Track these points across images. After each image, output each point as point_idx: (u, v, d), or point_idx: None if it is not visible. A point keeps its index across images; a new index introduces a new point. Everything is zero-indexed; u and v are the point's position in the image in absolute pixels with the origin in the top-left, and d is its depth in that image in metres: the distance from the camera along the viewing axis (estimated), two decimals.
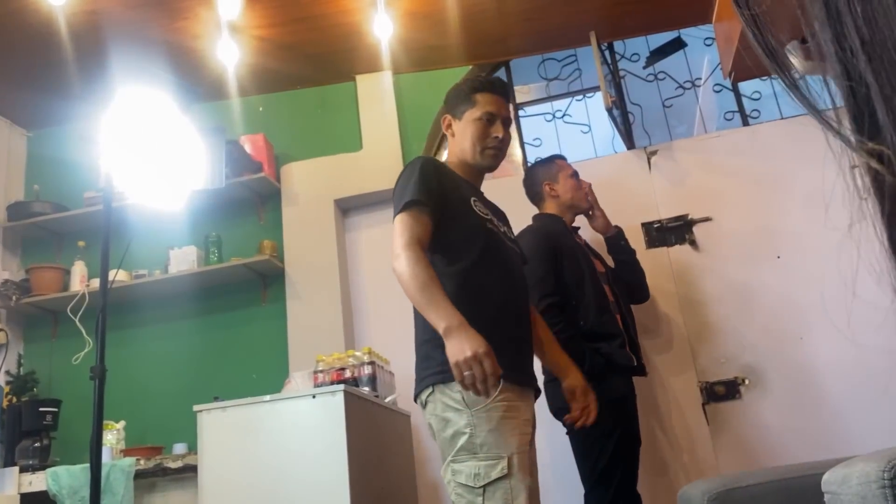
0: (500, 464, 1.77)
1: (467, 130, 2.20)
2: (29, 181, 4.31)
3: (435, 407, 1.89)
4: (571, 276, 2.79)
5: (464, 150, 2.21)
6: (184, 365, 3.83)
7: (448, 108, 2.28)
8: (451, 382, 1.82)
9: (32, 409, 3.34)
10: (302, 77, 4.07)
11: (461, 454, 1.80)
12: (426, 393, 1.92)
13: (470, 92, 2.24)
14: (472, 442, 1.80)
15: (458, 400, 1.83)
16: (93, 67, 3.66)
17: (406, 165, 2.15)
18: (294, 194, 3.95)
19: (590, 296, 2.76)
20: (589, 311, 2.74)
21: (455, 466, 1.81)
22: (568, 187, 3.08)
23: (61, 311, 3.90)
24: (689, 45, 3.85)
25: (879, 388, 3.16)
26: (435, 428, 1.91)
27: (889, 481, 0.93)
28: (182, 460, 2.97)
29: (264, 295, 3.89)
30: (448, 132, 2.27)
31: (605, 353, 2.68)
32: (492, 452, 1.79)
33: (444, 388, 1.87)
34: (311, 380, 2.87)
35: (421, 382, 1.95)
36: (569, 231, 3.00)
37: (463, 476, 1.79)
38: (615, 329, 2.76)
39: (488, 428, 1.80)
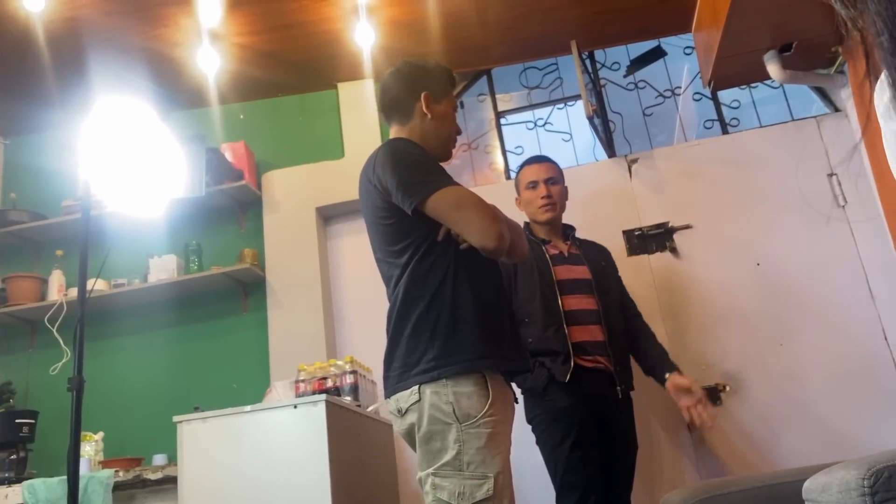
0: (487, 484, 1.72)
1: (447, 118, 2.11)
2: (6, 189, 4.26)
3: (421, 414, 1.79)
4: (524, 293, 2.78)
5: (437, 136, 2.09)
6: (164, 375, 3.79)
7: (426, 84, 2.10)
8: (447, 384, 1.77)
9: (9, 420, 3.29)
10: (283, 84, 4.06)
11: (445, 469, 1.74)
12: (413, 399, 1.81)
13: (449, 78, 2.17)
14: (458, 459, 1.74)
15: (448, 413, 1.76)
16: (71, 75, 3.63)
17: (396, 145, 2.00)
18: (275, 202, 3.93)
19: (538, 313, 2.73)
20: (535, 328, 2.71)
21: (437, 481, 1.75)
22: (525, 200, 3.01)
23: (39, 321, 3.85)
24: (669, 53, 3.88)
25: (860, 394, 3.19)
26: (418, 437, 1.82)
27: (869, 489, 0.94)
28: (162, 472, 2.93)
29: (245, 304, 3.86)
30: (427, 109, 2.07)
31: (547, 367, 2.66)
32: (478, 472, 1.73)
33: (433, 393, 1.78)
34: (292, 389, 2.85)
35: (403, 384, 1.84)
36: (534, 244, 2.85)
37: (446, 493, 1.73)
38: (558, 346, 2.67)
39: (476, 446, 1.75)
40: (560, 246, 2.96)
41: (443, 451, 1.75)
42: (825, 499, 1.00)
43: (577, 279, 2.86)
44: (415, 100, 2.07)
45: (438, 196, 1.83)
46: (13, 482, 3.06)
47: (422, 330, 1.83)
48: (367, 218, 2.08)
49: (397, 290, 1.92)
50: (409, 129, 2.08)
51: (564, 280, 2.82)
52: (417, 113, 2.07)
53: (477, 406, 1.76)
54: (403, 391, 1.82)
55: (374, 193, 1.96)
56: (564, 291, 2.79)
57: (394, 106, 2.10)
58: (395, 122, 2.11)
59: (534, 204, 2.94)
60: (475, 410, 1.76)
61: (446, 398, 1.76)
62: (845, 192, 3.42)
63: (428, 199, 1.82)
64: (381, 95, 2.16)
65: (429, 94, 2.07)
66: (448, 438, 1.75)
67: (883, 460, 0.96)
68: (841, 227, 3.40)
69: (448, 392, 1.76)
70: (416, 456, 1.84)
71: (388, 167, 1.89)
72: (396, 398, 1.85)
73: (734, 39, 3.04)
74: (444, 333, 1.81)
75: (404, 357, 1.85)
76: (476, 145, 4.11)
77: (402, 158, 1.91)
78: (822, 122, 3.57)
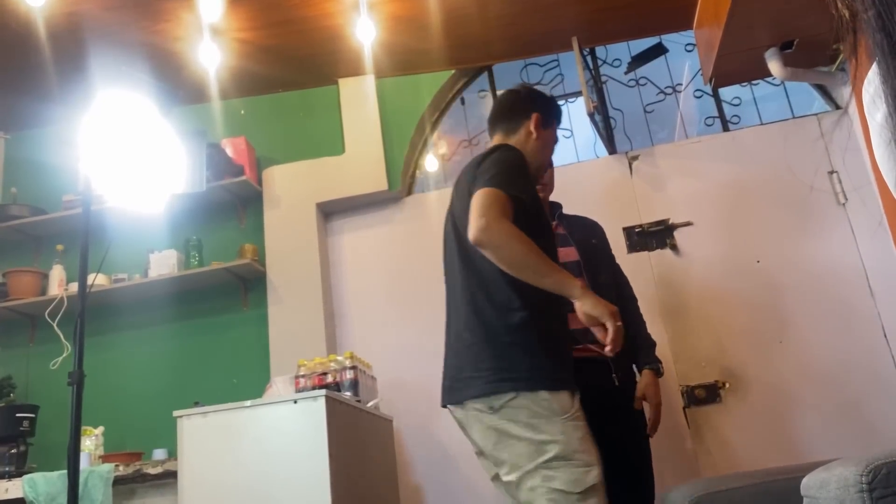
0: (594, 470, 1.83)
1: (548, 146, 2.29)
2: (6, 184, 4.26)
3: (518, 413, 1.86)
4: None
5: (534, 157, 2.23)
6: (164, 370, 3.80)
7: (539, 108, 2.26)
8: (539, 391, 1.86)
9: (9, 414, 3.30)
10: (284, 80, 4.06)
11: (555, 461, 1.82)
12: (507, 398, 1.88)
13: (558, 113, 2.36)
14: (566, 449, 1.83)
15: (547, 408, 1.85)
16: (72, 70, 3.63)
17: (495, 148, 2.11)
18: (276, 198, 3.93)
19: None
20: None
21: (548, 473, 1.82)
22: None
23: (39, 316, 3.86)
24: (670, 50, 3.87)
25: (859, 392, 3.20)
26: (513, 433, 1.87)
27: (867, 485, 0.94)
28: (162, 466, 2.94)
29: (245, 299, 3.86)
30: (534, 129, 2.23)
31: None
32: (584, 459, 1.84)
33: (531, 395, 1.86)
34: (292, 385, 2.86)
35: (498, 385, 1.89)
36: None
37: (559, 482, 1.81)
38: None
39: (579, 436, 1.86)
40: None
41: (550, 444, 1.83)
42: (823, 495, 1.01)
43: (564, 262, 2.66)
44: (525, 118, 2.24)
45: (485, 189, 1.91)
46: (13, 476, 3.06)
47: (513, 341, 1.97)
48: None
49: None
50: (514, 142, 2.23)
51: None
52: (524, 130, 2.23)
53: (568, 400, 1.89)
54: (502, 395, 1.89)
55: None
56: None
57: (505, 117, 2.28)
58: (500, 132, 2.28)
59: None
60: (567, 404, 1.88)
61: (543, 395, 1.86)
62: (846, 190, 3.42)
63: (478, 189, 1.92)
64: (496, 106, 2.35)
65: (540, 116, 2.24)
66: (553, 431, 1.84)
67: (881, 457, 0.96)
68: (841, 224, 3.40)
69: (543, 392, 1.86)
70: (506, 453, 1.89)
71: (489, 162, 2.02)
72: (493, 396, 1.90)
73: (735, 36, 3.04)
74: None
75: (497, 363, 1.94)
76: (476, 141, 4.11)
77: (503, 158, 2.03)
78: (823, 119, 3.57)
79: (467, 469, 3.48)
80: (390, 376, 3.51)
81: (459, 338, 2.02)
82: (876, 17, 0.52)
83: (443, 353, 3.40)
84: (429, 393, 3.60)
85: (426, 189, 4.05)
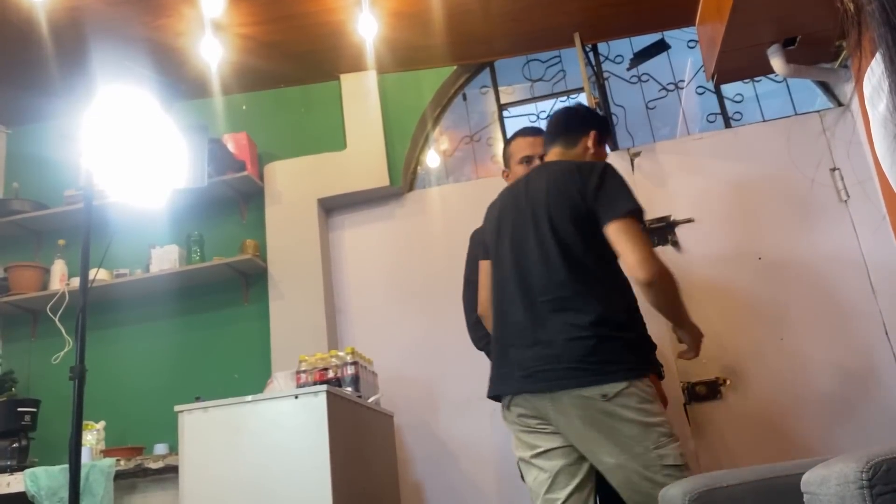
0: (680, 444, 2.07)
1: (602, 159, 2.41)
2: (8, 178, 4.26)
3: (629, 400, 2.01)
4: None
5: None
6: (165, 365, 3.81)
7: (596, 126, 2.44)
8: (644, 378, 2.06)
9: (11, 409, 3.30)
10: (286, 76, 4.06)
11: (663, 439, 2.02)
12: (621, 386, 2.01)
13: (610, 135, 2.64)
14: (668, 428, 2.04)
15: (650, 393, 2.05)
16: (74, 64, 3.63)
17: (602, 165, 2.20)
18: (277, 193, 3.94)
19: None
20: None
21: (661, 451, 2.00)
22: (516, 175, 2.73)
23: (41, 311, 3.87)
24: (672, 47, 3.87)
25: (860, 389, 3.20)
26: (628, 418, 2.00)
27: (867, 482, 0.94)
28: (163, 461, 2.94)
29: (246, 294, 3.87)
30: (591, 145, 2.41)
31: None
32: (676, 435, 2.07)
33: (639, 383, 2.04)
34: (293, 380, 2.86)
35: (611, 376, 2.03)
36: None
37: (671, 458, 2.00)
38: None
39: (666, 416, 2.09)
40: None
41: (659, 425, 2.03)
42: (823, 491, 1.00)
43: None
44: (583, 134, 2.39)
45: (633, 221, 2.12)
46: (15, 470, 3.07)
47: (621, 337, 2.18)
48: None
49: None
50: (572, 155, 2.38)
51: None
52: (582, 145, 2.38)
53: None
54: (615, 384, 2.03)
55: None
56: None
57: (564, 132, 2.41)
58: (559, 145, 2.40)
59: None
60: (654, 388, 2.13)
61: (646, 381, 2.07)
62: (848, 187, 3.42)
63: (619, 216, 2.13)
64: (555, 120, 2.47)
65: (597, 133, 2.40)
66: (658, 412, 2.05)
67: (882, 453, 0.96)
68: (843, 221, 3.40)
69: (646, 379, 2.08)
70: (620, 437, 2.02)
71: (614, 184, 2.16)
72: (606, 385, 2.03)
73: (738, 33, 3.03)
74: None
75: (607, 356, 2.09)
76: (478, 138, 4.11)
77: (624, 183, 2.17)
78: (826, 116, 3.57)
79: (468, 465, 3.49)
80: (391, 372, 3.51)
81: (556, 331, 2.09)
82: (880, 10, 0.52)
83: (443, 351, 3.41)
84: (430, 389, 3.61)
85: (428, 185, 4.05)
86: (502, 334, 2.23)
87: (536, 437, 2.15)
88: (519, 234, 2.26)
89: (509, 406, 2.20)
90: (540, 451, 2.15)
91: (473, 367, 3.49)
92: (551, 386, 2.06)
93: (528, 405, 2.13)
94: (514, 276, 2.23)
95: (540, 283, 2.16)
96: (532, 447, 2.16)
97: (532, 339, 2.13)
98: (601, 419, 2.03)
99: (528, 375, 2.11)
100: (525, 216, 2.26)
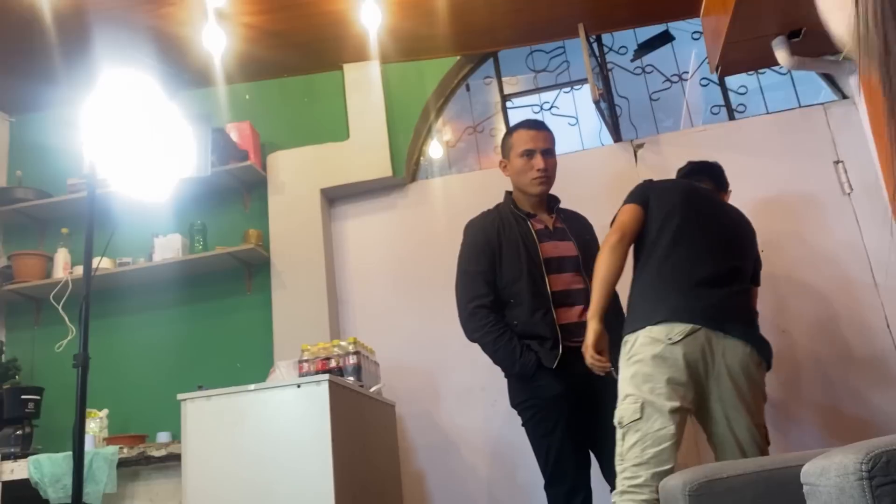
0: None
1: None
2: (11, 167, 4.27)
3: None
4: (508, 273, 2.64)
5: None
6: (168, 353, 3.82)
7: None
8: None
9: (14, 396, 3.32)
10: (289, 65, 4.05)
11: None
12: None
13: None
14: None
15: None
16: (77, 52, 3.63)
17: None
18: (280, 183, 3.94)
19: (524, 294, 2.59)
20: (522, 311, 2.59)
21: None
22: (515, 169, 2.77)
23: (44, 299, 3.88)
24: (676, 38, 3.85)
25: (861, 382, 3.20)
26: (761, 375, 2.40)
27: (867, 473, 0.95)
28: (166, 449, 2.96)
29: (249, 284, 3.88)
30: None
31: (535, 350, 2.53)
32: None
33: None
34: (295, 369, 2.87)
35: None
36: (518, 218, 2.74)
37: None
38: (546, 331, 2.55)
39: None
40: (545, 220, 2.78)
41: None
42: (823, 482, 1.01)
43: (563, 257, 2.69)
44: (725, 192, 2.87)
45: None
46: (19, 457, 3.09)
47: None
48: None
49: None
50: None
51: (550, 258, 2.66)
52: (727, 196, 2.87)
53: None
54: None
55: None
56: (551, 270, 2.64)
57: (720, 181, 2.84)
58: (713, 183, 2.80)
59: (526, 175, 2.73)
60: None
61: None
62: (851, 180, 3.41)
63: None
64: (713, 166, 2.86)
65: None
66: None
67: (881, 445, 0.96)
68: (846, 214, 3.39)
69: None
70: (753, 390, 2.30)
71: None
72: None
73: (743, 25, 3.02)
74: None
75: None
76: (481, 128, 4.10)
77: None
78: (830, 109, 3.56)
79: (469, 455, 3.50)
80: (393, 362, 3.52)
81: (746, 292, 2.48)
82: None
83: (445, 341, 3.41)
84: (431, 379, 3.62)
85: (430, 176, 4.05)
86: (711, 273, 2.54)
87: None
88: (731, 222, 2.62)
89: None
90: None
91: (475, 356, 3.49)
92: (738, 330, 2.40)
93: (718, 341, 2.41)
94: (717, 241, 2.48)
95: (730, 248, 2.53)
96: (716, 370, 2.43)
97: (727, 284, 2.46)
98: (756, 371, 2.40)
99: (738, 317, 2.42)
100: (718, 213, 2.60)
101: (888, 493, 0.94)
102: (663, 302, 2.30)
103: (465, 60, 4.07)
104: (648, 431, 2.15)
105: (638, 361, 2.24)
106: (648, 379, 2.20)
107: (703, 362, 2.23)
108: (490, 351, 2.60)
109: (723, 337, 2.26)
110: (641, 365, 2.22)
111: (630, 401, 2.21)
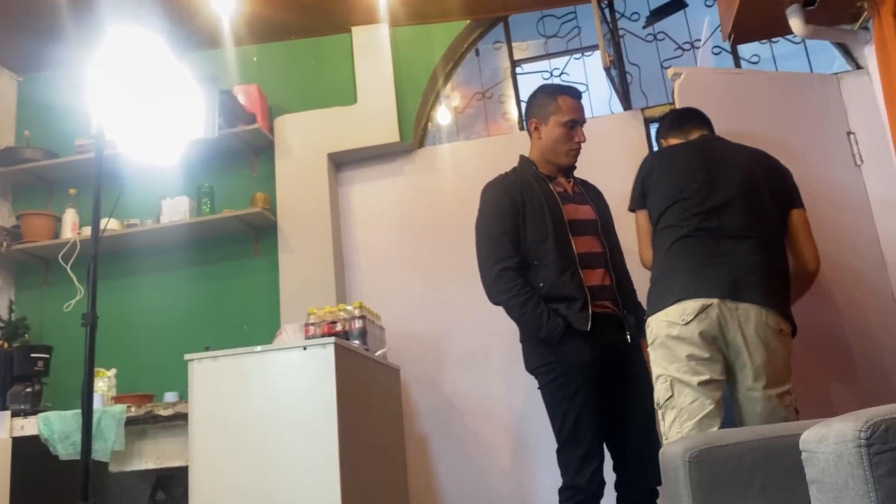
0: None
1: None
2: (19, 127, 4.27)
3: (787, 339, 2.45)
4: (534, 234, 2.62)
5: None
6: (175, 314, 3.85)
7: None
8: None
9: (24, 354, 3.36)
10: (297, 27, 4.02)
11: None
12: (788, 324, 2.45)
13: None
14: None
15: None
16: (85, 11, 3.60)
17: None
18: (287, 147, 3.93)
19: (551, 255, 2.57)
20: (549, 272, 2.56)
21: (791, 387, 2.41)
22: (554, 136, 2.75)
23: (53, 259, 3.90)
24: (689, 5, 3.80)
25: (867, 357, 3.20)
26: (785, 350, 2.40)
27: (865, 441, 0.96)
28: (173, 408, 3.00)
29: (256, 247, 3.89)
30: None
31: (563, 314, 2.51)
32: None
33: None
34: (302, 332, 2.89)
35: (789, 312, 2.47)
36: (539, 180, 2.73)
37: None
38: (575, 292, 2.53)
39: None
40: (564, 184, 2.79)
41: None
42: (821, 449, 1.02)
43: (583, 220, 2.71)
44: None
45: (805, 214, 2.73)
46: (29, 414, 3.13)
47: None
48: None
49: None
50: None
51: (573, 220, 2.67)
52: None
53: None
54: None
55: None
56: (574, 232, 2.64)
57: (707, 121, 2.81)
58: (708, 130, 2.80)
59: (564, 145, 2.74)
60: None
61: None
62: (862, 152, 3.38)
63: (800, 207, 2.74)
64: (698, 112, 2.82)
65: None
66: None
67: (881, 414, 0.97)
68: (856, 186, 3.37)
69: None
70: (777, 366, 2.32)
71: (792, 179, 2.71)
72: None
73: None
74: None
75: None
76: (490, 94, 4.07)
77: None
78: (843, 79, 3.51)
79: (471, 420, 3.54)
80: (398, 327, 3.54)
81: (781, 269, 2.45)
82: None
83: (450, 307, 3.42)
84: (436, 344, 3.64)
85: (438, 142, 4.03)
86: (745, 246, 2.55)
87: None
88: (748, 180, 2.54)
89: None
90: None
91: (480, 323, 3.52)
92: (764, 300, 2.40)
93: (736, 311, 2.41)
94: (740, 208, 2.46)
95: (759, 217, 2.49)
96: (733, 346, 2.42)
97: (760, 257, 2.44)
98: (779, 344, 2.38)
99: (758, 284, 2.39)
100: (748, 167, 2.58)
101: (886, 460, 0.95)
102: (675, 282, 2.34)
103: (474, 24, 4.02)
104: (682, 406, 2.22)
105: (660, 345, 2.30)
106: (673, 358, 2.27)
107: (721, 335, 2.25)
108: (516, 314, 2.56)
109: (736, 305, 2.26)
110: (663, 347, 2.29)
111: (661, 381, 2.30)
